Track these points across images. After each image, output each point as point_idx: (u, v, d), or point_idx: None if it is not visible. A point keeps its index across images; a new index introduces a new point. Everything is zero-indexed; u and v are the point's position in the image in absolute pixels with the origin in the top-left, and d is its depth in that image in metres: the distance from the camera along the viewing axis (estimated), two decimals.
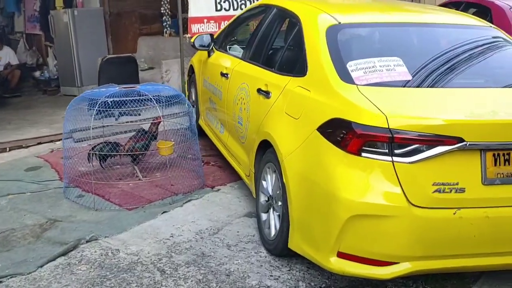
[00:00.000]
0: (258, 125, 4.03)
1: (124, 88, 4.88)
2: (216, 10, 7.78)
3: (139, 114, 7.63)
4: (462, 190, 2.93)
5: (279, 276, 3.56)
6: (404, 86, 3.23)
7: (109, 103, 4.76)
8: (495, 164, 2.96)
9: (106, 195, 4.87)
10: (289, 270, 3.63)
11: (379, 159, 2.94)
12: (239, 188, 5.03)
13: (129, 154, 5.19)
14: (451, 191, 2.92)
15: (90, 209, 4.61)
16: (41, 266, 3.68)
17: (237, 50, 5.47)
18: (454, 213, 2.91)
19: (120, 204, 4.67)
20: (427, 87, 3.24)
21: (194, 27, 7.59)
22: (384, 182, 2.94)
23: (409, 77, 3.29)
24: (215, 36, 5.92)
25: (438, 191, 2.91)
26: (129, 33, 11.30)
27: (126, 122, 5.89)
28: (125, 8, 11.17)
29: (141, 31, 11.28)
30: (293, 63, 3.88)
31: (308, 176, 3.26)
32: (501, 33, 4.00)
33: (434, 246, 2.96)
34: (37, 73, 11.67)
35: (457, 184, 2.92)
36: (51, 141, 6.52)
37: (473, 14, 7.47)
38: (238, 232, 4.17)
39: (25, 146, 6.36)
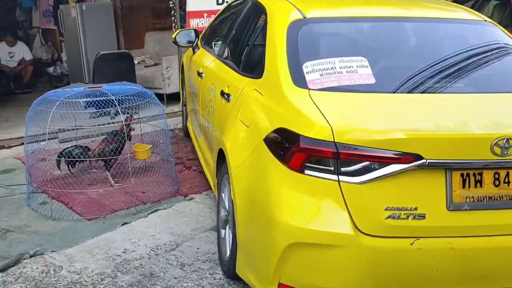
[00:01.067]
0: (219, 131, 3.62)
1: (89, 88, 4.54)
2: (218, 3, 7.34)
3: (137, 113, 7.34)
4: (421, 217, 2.46)
5: None
6: (363, 92, 2.76)
7: (82, 103, 4.45)
8: (464, 186, 2.47)
9: (70, 202, 4.54)
10: None
11: (323, 178, 2.49)
12: (214, 197, 4.63)
13: (100, 159, 4.84)
14: (408, 217, 2.45)
15: (48, 218, 4.30)
16: None
17: (219, 46, 5.05)
18: (411, 244, 2.45)
19: (81, 214, 4.34)
20: (391, 92, 2.76)
21: (193, 22, 7.19)
22: (328, 205, 2.50)
23: (372, 81, 2.82)
24: (203, 31, 5.53)
25: (392, 217, 2.45)
26: (141, 27, 10.99)
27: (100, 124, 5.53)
28: (137, 2, 10.88)
29: (154, 26, 10.96)
30: (255, 62, 3.45)
31: (252, 194, 2.84)
32: (497, 30, 3.46)
33: (387, 283, 2.50)
34: (50, 69, 11.52)
35: (415, 209, 2.45)
36: (36, 141, 6.22)
37: (494, 7, 6.88)
38: (198, 248, 3.78)
39: (7, 146, 6.11)
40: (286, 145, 2.62)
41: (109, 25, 10.11)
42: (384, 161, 2.43)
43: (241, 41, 3.99)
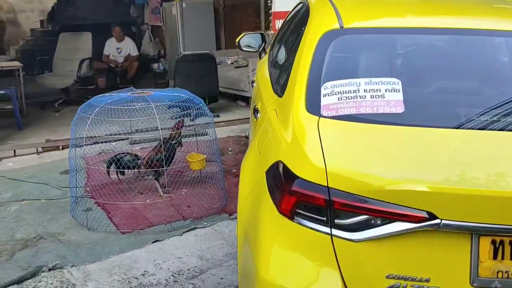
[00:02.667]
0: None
1: (137, 94, 4.34)
2: None
3: (218, 116, 7.14)
4: None
5: None
6: (383, 123, 2.23)
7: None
8: (495, 257, 1.89)
9: (113, 211, 4.38)
10: None
11: (314, 229, 2.02)
12: None
13: (146, 169, 4.63)
14: None
15: (84, 227, 4.15)
16: None
17: (272, 54, 4.63)
18: None
19: (118, 225, 4.15)
20: (419, 126, 2.20)
21: (279, 23, 6.82)
22: (318, 263, 2.02)
23: (400, 109, 2.27)
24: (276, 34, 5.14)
25: (395, 287, 1.92)
26: (244, 26, 10.77)
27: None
28: (241, 0, 10.70)
29: (257, 25, 10.74)
30: (284, 77, 3.01)
31: (247, 234, 2.43)
32: None
33: None
34: (155, 65, 11.72)
35: (427, 280, 1.91)
36: (108, 141, 6.20)
37: None
38: (221, 278, 3.42)
39: (79, 145, 6.11)
40: (279, 184, 2.17)
41: (209, 23, 10.04)
42: (387, 217, 1.91)
43: (284, 51, 3.57)
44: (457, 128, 2.16)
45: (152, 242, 3.87)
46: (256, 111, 3.24)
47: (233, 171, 5.33)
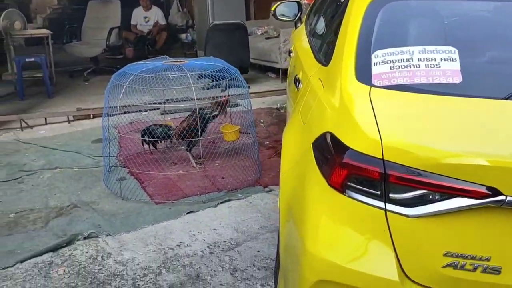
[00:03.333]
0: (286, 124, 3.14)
1: (169, 62, 4.25)
2: None
3: (248, 87, 7.04)
4: (495, 271, 1.81)
5: None
6: (440, 93, 2.11)
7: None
8: None
9: (146, 181, 4.34)
10: None
11: (367, 204, 1.93)
12: None
13: (178, 140, 4.57)
14: (475, 268, 1.81)
15: (118, 196, 4.12)
16: (22, 262, 3.27)
17: (311, 22, 4.48)
18: None
19: (151, 196, 4.10)
20: (481, 97, 2.08)
21: None
22: (371, 239, 1.93)
23: (458, 79, 2.15)
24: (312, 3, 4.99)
25: (453, 265, 1.83)
26: None
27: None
28: None
29: None
30: (328, 46, 2.89)
31: (291, 207, 2.35)
32: None
33: None
34: (183, 36, 11.61)
35: (487, 259, 1.81)
36: (139, 111, 6.16)
37: None
38: (258, 251, 3.36)
39: (112, 114, 6.08)
40: (329, 156, 2.08)
41: None
42: (447, 192, 1.80)
43: (326, 17, 3.43)
44: None
45: (187, 213, 3.82)
46: (297, 81, 3.13)
47: (265, 143, 5.25)
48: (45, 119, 6.00)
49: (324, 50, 2.95)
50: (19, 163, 4.86)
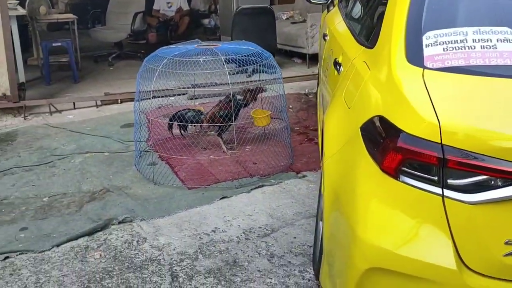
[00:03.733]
0: (325, 108, 3.08)
1: (202, 46, 4.20)
2: None
3: (275, 73, 6.98)
4: None
5: None
6: (498, 76, 2.03)
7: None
8: None
9: (177, 166, 4.31)
10: None
11: (423, 189, 1.87)
12: None
13: (211, 125, 4.53)
14: None
15: (150, 181, 4.10)
16: (58, 245, 3.26)
17: (348, 4, 4.39)
18: None
19: (183, 180, 4.08)
20: None
21: None
22: (427, 226, 1.88)
23: None
24: None
25: None
26: None
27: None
28: None
29: None
30: (372, 27, 2.81)
31: (338, 193, 2.29)
32: None
33: None
34: (205, 21, 11.53)
35: None
36: (166, 96, 6.12)
37: None
38: (294, 238, 3.32)
39: (144, 98, 6.05)
40: (381, 140, 2.02)
41: None
42: (509, 178, 1.74)
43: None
44: None
45: (220, 199, 3.79)
46: (337, 64, 3.06)
47: (296, 128, 5.19)
48: (74, 103, 6.00)
49: (367, 33, 2.88)
50: (50, 147, 4.86)
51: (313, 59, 7.40)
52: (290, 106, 5.86)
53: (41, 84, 7.19)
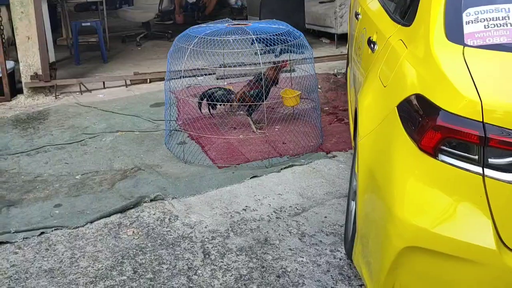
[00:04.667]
0: (359, 87, 3.05)
1: (233, 25, 4.18)
2: None
3: (303, 53, 6.94)
4: None
5: None
6: None
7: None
8: None
9: (207, 145, 4.33)
10: (360, 286, 2.72)
11: (462, 169, 1.85)
12: None
13: (241, 104, 4.52)
14: None
15: (180, 160, 4.12)
16: (92, 222, 3.31)
17: None
18: None
19: (214, 160, 4.09)
20: None
21: None
22: (466, 205, 1.86)
23: None
24: None
25: None
26: None
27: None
28: None
29: None
30: (409, 4, 2.77)
31: (373, 172, 2.28)
32: None
33: None
34: (232, 1, 11.47)
35: None
36: (194, 76, 6.13)
37: None
38: (325, 217, 3.32)
39: (174, 78, 6.07)
40: (419, 118, 2.00)
41: None
42: None
43: None
44: None
45: (251, 178, 3.80)
46: (371, 42, 3.03)
47: (325, 109, 5.16)
48: (103, 83, 6.05)
49: (403, 10, 2.83)
50: (81, 126, 4.91)
51: (342, 39, 7.34)
52: (319, 87, 5.81)
53: (71, 64, 7.25)
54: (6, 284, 2.75)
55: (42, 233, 3.20)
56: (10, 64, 5.82)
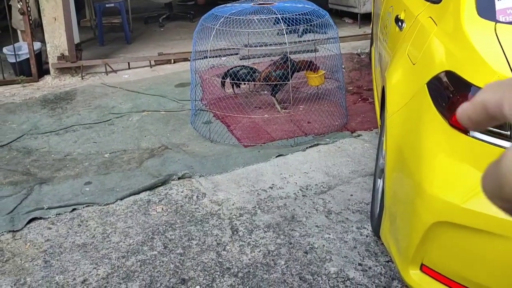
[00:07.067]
0: (386, 65, 3.06)
1: (259, 4, 4.19)
2: None
3: (325, 33, 6.92)
4: None
5: (369, 268, 2.72)
6: None
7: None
8: None
9: (233, 125, 4.37)
10: (387, 262, 2.75)
11: (493, 144, 1.86)
12: None
13: (265, 83, 4.54)
14: None
15: (206, 139, 4.17)
16: (121, 199, 3.39)
17: None
18: None
19: (239, 139, 4.14)
20: None
21: None
22: None
23: None
24: None
25: None
26: None
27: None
28: None
29: None
30: None
31: (402, 149, 2.31)
32: None
33: None
34: None
35: None
36: (218, 56, 6.15)
37: None
38: (351, 195, 3.35)
39: (200, 58, 6.10)
40: (450, 95, 2.01)
41: None
42: None
43: None
44: None
45: (276, 156, 3.84)
46: (398, 20, 3.02)
47: (349, 88, 5.16)
48: (128, 63, 6.10)
49: None
50: (108, 106, 4.99)
51: (365, 18, 7.28)
52: (343, 66, 5.80)
53: (95, 45, 7.32)
54: (42, 258, 2.84)
55: (74, 209, 3.28)
56: (37, 45, 5.90)
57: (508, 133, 1.83)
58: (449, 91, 2.03)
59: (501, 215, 1.83)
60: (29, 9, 5.73)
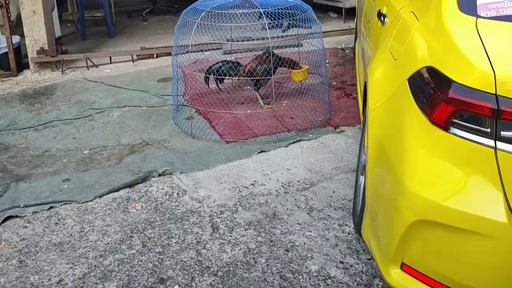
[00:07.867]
0: (368, 60, 3.02)
1: None
2: None
3: (310, 27, 6.87)
4: None
5: (351, 265, 2.68)
6: None
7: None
8: None
9: (215, 120, 4.32)
10: (369, 260, 2.72)
11: (474, 142, 1.83)
12: None
13: (249, 78, 4.49)
14: None
15: (188, 135, 4.12)
16: (100, 196, 3.32)
17: None
18: None
19: (221, 135, 4.08)
20: None
21: None
22: (477, 178, 1.84)
23: None
24: None
25: None
26: None
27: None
28: None
29: None
30: None
31: (383, 145, 2.27)
32: None
33: None
34: None
35: None
36: (201, 51, 6.09)
37: None
38: (333, 192, 3.32)
39: (182, 53, 6.03)
40: (431, 91, 1.97)
41: None
42: None
43: None
44: None
45: (258, 153, 3.80)
46: (381, 15, 2.99)
47: (333, 83, 5.13)
48: (110, 58, 6.02)
49: None
50: (88, 101, 4.91)
51: (350, 13, 7.26)
52: (327, 61, 5.77)
53: (77, 39, 7.23)
54: (17, 257, 2.77)
55: (51, 207, 3.21)
56: (15, 39, 5.80)
57: (489, 130, 1.79)
58: (430, 87, 1.99)
59: (481, 214, 1.81)
60: (7, 1, 5.61)
